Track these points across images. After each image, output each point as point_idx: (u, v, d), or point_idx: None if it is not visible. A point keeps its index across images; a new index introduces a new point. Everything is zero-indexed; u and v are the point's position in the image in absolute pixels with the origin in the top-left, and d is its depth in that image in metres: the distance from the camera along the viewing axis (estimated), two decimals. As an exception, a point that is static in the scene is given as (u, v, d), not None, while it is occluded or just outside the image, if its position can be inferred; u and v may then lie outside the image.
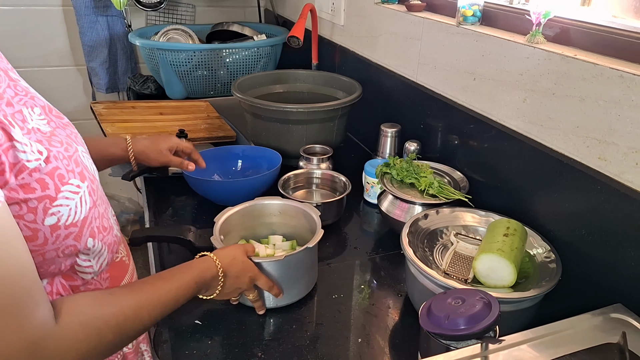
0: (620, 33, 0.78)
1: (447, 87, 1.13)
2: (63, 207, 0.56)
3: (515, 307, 0.72)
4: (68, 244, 0.58)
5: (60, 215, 0.56)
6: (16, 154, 0.51)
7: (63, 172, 0.57)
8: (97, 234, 0.64)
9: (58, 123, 0.64)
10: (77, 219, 0.58)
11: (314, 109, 1.27)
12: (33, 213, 0.53)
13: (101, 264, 0.66)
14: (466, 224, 0.92)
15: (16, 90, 0.60)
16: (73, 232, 0.58)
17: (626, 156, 0.73)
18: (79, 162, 0.61)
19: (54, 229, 0.55)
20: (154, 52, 1.75)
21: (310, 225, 0.93)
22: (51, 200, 0.55)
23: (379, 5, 1.37)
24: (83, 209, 0.59)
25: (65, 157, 0.59)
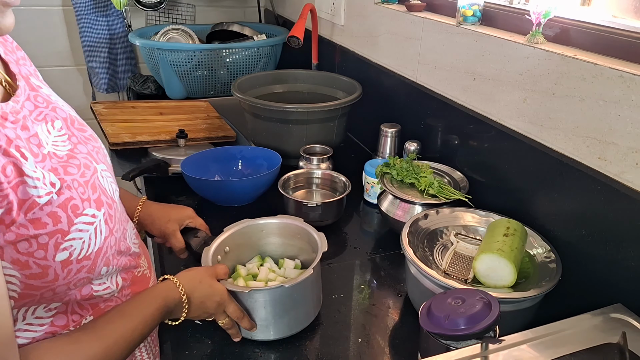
0: (620, 33, 0.78)
1: (447, 87, 1.13)
2: (76, 241, 0.53)
3: (515, 307, 0.72)
4: (80, 277, 0.55)
5: (73, 250, 0.52)
6: (26, 190, 0.48)
7: (77, 202, 0.53)
8: (112, 261, 0.61)
9: (80, 137, 0.61)
10: (91, 251, 0.55)
11: (314, 109, 1.27)
12: (44, 249, 0.50)
13: (117, 282, 0.64)
14: (466, 224, 0.92)
15: (36, 102, 0.56)
16: (86, 265, 0.55)
17: (626, 156, 0.73)
18: (97, 187, 0.58)
19: (65, 264, 0.52)
20: (154, 52, 1.75)
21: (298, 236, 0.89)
22: (63, 235, 0.51)
23: (379, 5, 1.37)
24: (98, 240, 0.56)
25: (81, 184, 0.55)
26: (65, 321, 0.58)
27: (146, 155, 1.31)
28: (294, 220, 0.88)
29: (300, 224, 0.87)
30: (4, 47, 0.59)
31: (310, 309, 0.80)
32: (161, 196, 1.22)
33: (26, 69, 0.60)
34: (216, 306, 0.73)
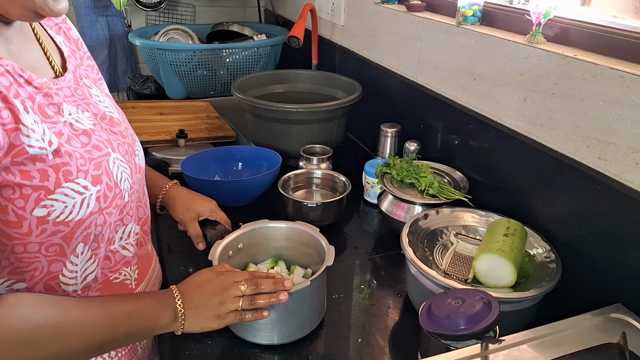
0: (620, 33, 0.78)
1: (447, 87, 1.13)
2: (58, 203, 0.56)
3: (515, 307, 0.72)
4: (54, 241, 0.57)
5: (52, 210, 0.55)
6: (19, 136, 0.52)
7: (72, 169, 0.57)
8: (91, 242, 0.62)
9: (105, 127, 0.66)
10: (71, 219, 0.57)
11: (314, 109, 1.27)
12: (24, 200, 0.53)
13: (86, 276, 0.64)
14: (466, 224, 0.92)
15: (75, 93, 0.64)
16: (63, 230, 0.57)
17: (626, 156, 0.73)
18: (102, 166, 0.61)
19: (42, 222, 0.55)
20: (154, 52, 1.75)
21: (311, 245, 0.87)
22: (47, 193, 0.55)
23: (379, 5, 1.37)
24: (81, 211, 0.58)
25: (83, 156, 0.59)
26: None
27: (146, 155, 1.31)
28: (308, 229, 0.86)
29: (313, 233, 0.85)
30: (72, 52, 0.70)
31: (306, 318, 0.78)
32: (161, 196, 1.22)
33: (84, 72, 0.70)
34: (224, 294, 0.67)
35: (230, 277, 0.70)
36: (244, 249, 0.86)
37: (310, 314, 0.78)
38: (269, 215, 0.91)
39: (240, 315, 0.69)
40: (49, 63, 0.64)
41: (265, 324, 0.74)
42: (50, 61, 0.64)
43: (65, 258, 0.60)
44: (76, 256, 0.61)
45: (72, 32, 0.73)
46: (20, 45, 0.60)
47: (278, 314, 0.74)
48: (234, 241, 0.84)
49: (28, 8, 0.53)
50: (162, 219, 1.12)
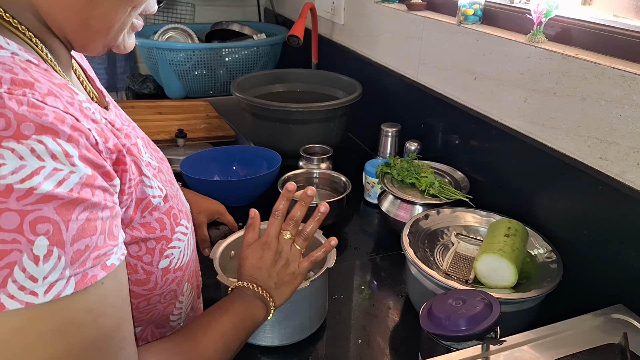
0: (621, 32, 0.78)
1: (448, 87, 1.12)
2: (175, 250, 0.53)
3: (516, 308, 0.72)
4: (172, 288, 0.55)
5: (173, 258, 0.53)
6: (144, 189, 0.49)
7: (176, 211, 0.54)
8: (191, 278, 0.61)
9: (157, 158, 0.60)
10: (184, 262, 0.56)
11: (314, 109, 1.27)
12: (151, 254, 0.50)
13: (187, 308, 0.63)
14: (467, 224, 0.92)
15: (122, 119, 0.55)
16: (178, 276, 0.55)
17: (627, 156, 0.73)
18: (183, 202, 0.59)
19: (165, 272, 0.53)
20: (153, 51, 1.74)
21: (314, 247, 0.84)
22: (167, 242, 0.52)
23: (379, 4, 1.36)
24: (188, 252, 0.57)
25: (172, 195, 0.55)
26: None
27: (145, 155, 1.31)
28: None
29: (316, 235, 0.84)
30: (84, 65, 0.62)
31: (305, 320, 0.77)
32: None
33: (103, 89, 0.62)
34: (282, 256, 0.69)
35: (270, 238, 0.70)
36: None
37: (310, 315, 0.78)
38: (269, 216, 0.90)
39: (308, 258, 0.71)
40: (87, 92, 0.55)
41: (264, 325, 0.74)
42: (88, 91, 0.55)
43: (177, 300, 0.59)
44: (183, 295, 0.59)
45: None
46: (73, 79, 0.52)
47: (277, 315, 0.73)
48: (236, 241, 0.84)
49: (108, 45, 0.48)
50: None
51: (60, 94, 0.39)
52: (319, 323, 0.80)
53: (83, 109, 0.41)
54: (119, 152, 0.44)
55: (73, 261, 0.37)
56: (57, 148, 0.36)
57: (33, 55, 0.42)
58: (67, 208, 0.36)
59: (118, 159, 0.44)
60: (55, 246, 0.35)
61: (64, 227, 0.36)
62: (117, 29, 0.46)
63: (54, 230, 0.35)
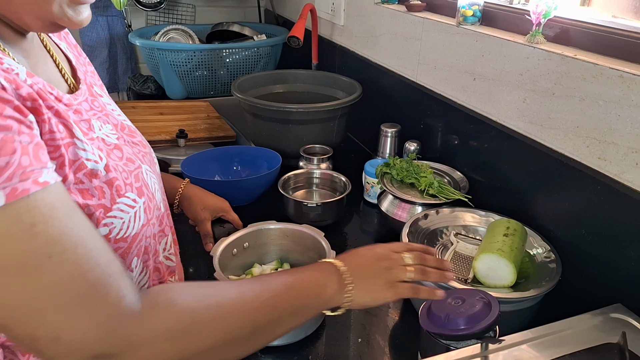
0: (620, 33, 0.78)
1: (447, 87, 1.13)
2: (116, 220, 0.54)
3: (515, 307, 0.72)
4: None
5: (113, 227, 0.54)
6: (76, 151, 0.50)
7: (120, 183, 0.55)
8: (142, 254, 0.61)
9: (127, 140, 0.64)
10: (128, 234, 0.56)
11: (314, 109, 1.27)
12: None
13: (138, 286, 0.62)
14: (466, 224, 0.92)
15: (92, 105, 0.61)
16: (122, 247, 0.56)
17: (626, 156, 0.73)
18: (140, 178, 0.60)
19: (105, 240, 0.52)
20: (154, 52, 1.75)
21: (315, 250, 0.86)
22: (106, 211, 0.53)
23: (379, 5, 1.37)
24: (136, 225, 0.57)
25: (124, 170, 0.58)
26: None
27: (146, 155, 1.31)
28: (313, 232, 0.86)
29: (317, 237, 0.84)
30: (76, 59, 0.66)
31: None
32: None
33: (91, 80, 0.66)
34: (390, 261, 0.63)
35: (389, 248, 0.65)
36: (249, 248, 0.87)
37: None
38: (269, 216, 0.91)
39: (415, 289, 0.63)
40: (61, 76, 0.60)
41: None
42: (62, 73, 0.60)
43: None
44: (131, 270, 0.59)
45: (70, 37, 0.70)
46: (37, 59, 0.56)
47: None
48: (239, 239, 0.84)
49: (44, 19, 0.49)
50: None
51: None
52: (316, 324, 0.80)
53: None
54: (33, 101, 0.46)
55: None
56: None
57: None
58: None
59: (34, 108, 0.46)
60: None
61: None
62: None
63: None
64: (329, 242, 0.83)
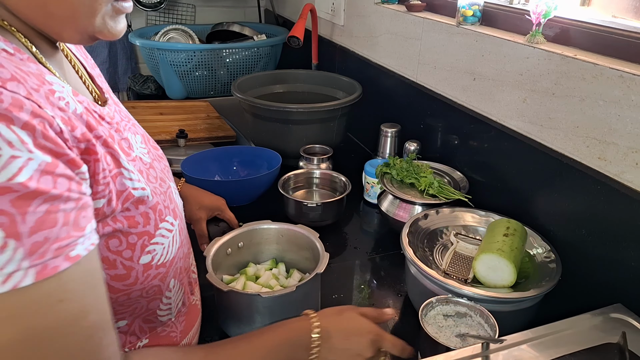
0: (620, 33, 0.78)
1: (447, 87, 1.13)
2: (158, 246, 0.53)
3: (515, 307, 0.72)
4: (154, 284, 0.55)
5: (155, 254, 0.53)
6: (123, 181, 0.48)
7: (162, 207, 0.54)
8: (179, 275, 0.60)
9: (154, 155, 0.61)
10: (168, 259, 0.55)
11: (314, 109, 1.27)
12: (131, 250, 0.50)
13: (177, 303, 0.63)
14: (466, 224, 0.92)
15: (122, 116, 0.57)
16: (161, 272, 0.55)
17: (626, 156, 0.73)
18: (173, 199, 0.59)
19: (147, 268, 0.52)
20: (154, 52, 1.75)
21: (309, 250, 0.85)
22: (150, 238, 0.52)
23: (379, 6, 1.37)
24: (173, 249, 0.56)
25: (162, 192, 0.56)
26: (123, 341, 0.57)
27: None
28: (308, 233, 0.85)
29: (312, 238, 0.83)
30: (87, 63, 0.62)
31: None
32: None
33: (105, 86, 0.62)
34: (369, 342, 0.61)
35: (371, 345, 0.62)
36: (244, 247, 0.86)
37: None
38: (269, 216, 0.91)
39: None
40: (83, 83, 0.56)
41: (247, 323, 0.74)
42: (87, 85, 0.56)
43: (162, 295, 0.58)
44: (169, 290, 0.59)
45: None
46: (66, 70, 0.52)
47: (264, 319, 0.73)
48: (233, 239, 0.84)
49: (85, 32, 0.46)
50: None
51: (25, 79, 0.39)
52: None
53: (50, 96, 0.41)
54: (87, 142, 0.44)
55: (31, 253, 0.36)
56: (12, 136, 0.35)
57: (12, 45, 0.43)
58: (24, 200, 0.36)
59: (88, 149, 0.44)
60: (12, 238, 0.35)
61: (20, 219, 0.36)
62: (86, 13, 0.45)
63: (9, 222, 0.35)
64: (329, 242, 0.82)
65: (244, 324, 0.74)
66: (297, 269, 0.87)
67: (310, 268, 0.86)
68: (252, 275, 0.84)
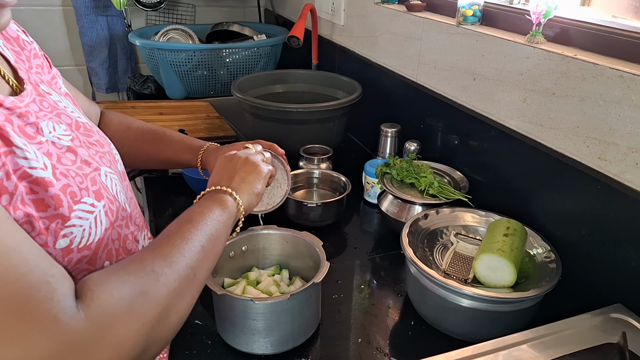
0: (620, 33, 0.78)
1: (447, 87, 1.13)
2: (76, 228, 0.52)
3: (515, 307, 0.72)
4: (81, 268, 0.53)
5: (73, 237, 0.52)
6: (15, 160, 0.48)
7: (75, 189, 0.53)
8: (116, 257, 0.59)
9: (83, 141, 0.61)
10: (92, 240, 0.54)
11: (314, 109, 1.27)
12: (45, 235, 0.49)
13: None
14: (466, 224, 0.92)
15: (41, 105, 0.58)
16: (86, 255, 0.54)
17: (626, 156, 0.73)
18: (97, 181, 0.58)
19: (66, 252, 0.51)
20: (154, 52, 1.75)
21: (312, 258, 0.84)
22: (64, 220, 0.51)
23: (379, 5, 1.37)
24: (98, 230, 0.55)
25: (78, 174, 0.55)
26: None
27: (146, 155, 1.31)
28: (311, 240, 0.83)
29: (314, 247, 0.82)
30: (16, 56, 0.62)
31: (287, 333, 0.74)
32: (161, 196, 1.22)
33: (37, 77, 0.62)
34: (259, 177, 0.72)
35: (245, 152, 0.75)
36: (248, 251, 0.86)
37: (293, 329, 0.75)
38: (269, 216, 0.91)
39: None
40: (1, 77, 0.56)
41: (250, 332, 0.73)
42: (2, 74, 0.56)
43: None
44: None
45: (10, 29, 0.64)
46: None
47: (257, 325, 0.72)
48: (236, 242, 0.84)
49: None
50: (161, 218, 1.12)
51: None
52: (304, 337, 0.77)
53: None
54: None
55: None
56: None
57: None
58: None
59: None
60: None
61: None
62: None
63: None
64: (329, 242, 0.82)
65: (239, 329, 0.73)
66: (301, 276, 0.86)
67: (312, 276, 0.82)
68: (253, 280, 0.83)
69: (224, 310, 0.74)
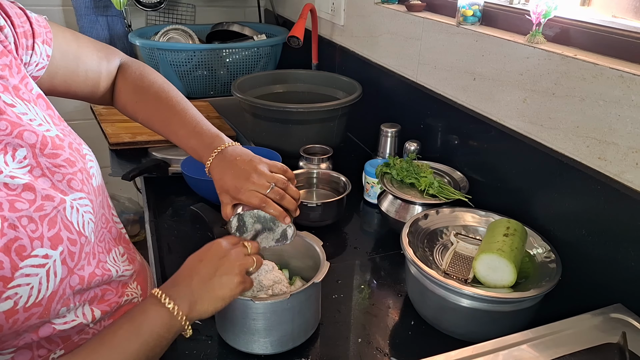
0: (620, 33, 0.78)
1: (447, 87, 1.13)
2: (22, 288, 0.46)
3: (515, 307, 0.72)
4: (30, 324, 0.48)
5: (18, 298, 0.46)
6: None
7: (25, 242, 0.47)
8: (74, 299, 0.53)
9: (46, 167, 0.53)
10: (42, 296, 0.48)
11: (314, 109, 1.27)
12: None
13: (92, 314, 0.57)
14: (466, 224, 0.92)
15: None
16: (36, 312, 0.48)
17: (626, 156, 0.73)
18: (56, 222, 0.51)
19: (10, 314, 0.46)
20: (154, 52, 1.75)
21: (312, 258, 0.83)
22: (5, 282, 0.45)
23: (379, 5, 1.37)
24: (51, 284, 0.49)
25: (33, 219, 0.48)
26: (30, 356, 0.52)
27: (146, 155, 1.31)
28: (311, 241, 0.83)
29: (315, 247, 0.81)
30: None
31: (287, 333, 0.74)
32: (161, 196, 1.22)
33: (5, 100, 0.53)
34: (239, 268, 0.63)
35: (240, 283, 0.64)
36: None
37: (293, 329, 0.75)
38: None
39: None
40: None
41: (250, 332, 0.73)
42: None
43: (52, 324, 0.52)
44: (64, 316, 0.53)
45: None
46: None
47: (257, 325, 0.72)
48: None
49: None
50: (162, 218, 1.12)
51: None
52: (304, 337, 0.77)
53: None
54: None
55: None
56: None
57: None
58: None
59: None
60: None
61: None
62: None
63: None
64: (329, 242, 0.82)
65: (238, 329, 0.73)
66: (301, 276, 0.86)
67: (312, 276, 0.81)
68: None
69: (223, 310, 0.74)
